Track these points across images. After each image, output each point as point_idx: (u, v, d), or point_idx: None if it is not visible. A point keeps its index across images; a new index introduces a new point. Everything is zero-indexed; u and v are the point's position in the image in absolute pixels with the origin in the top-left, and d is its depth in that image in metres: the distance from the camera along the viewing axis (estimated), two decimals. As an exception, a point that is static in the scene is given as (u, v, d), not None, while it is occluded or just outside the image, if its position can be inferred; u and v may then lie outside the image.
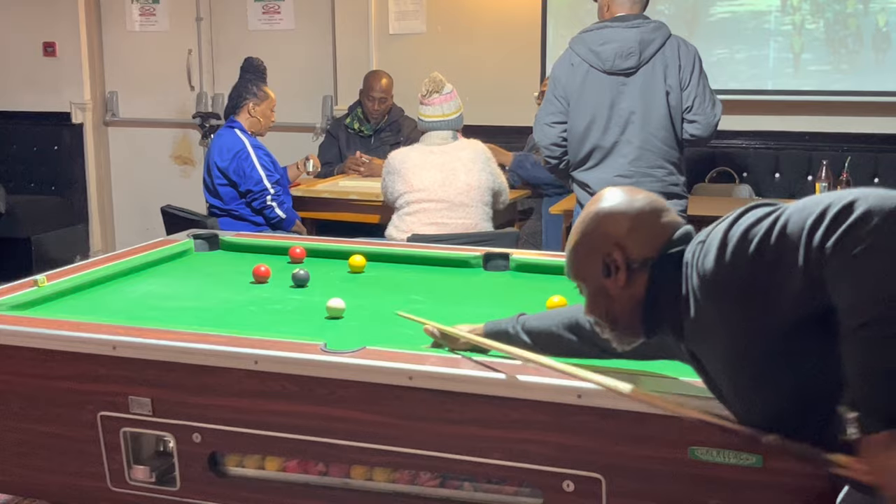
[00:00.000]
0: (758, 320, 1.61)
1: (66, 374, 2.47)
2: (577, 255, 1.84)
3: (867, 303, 1.47)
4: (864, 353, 1.49)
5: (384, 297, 2.92)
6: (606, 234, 1.79)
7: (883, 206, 1.47)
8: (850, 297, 1.48)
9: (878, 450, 1.50)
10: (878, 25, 5.29)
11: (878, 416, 1.50)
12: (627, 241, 1.78)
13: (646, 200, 1.83)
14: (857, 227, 1.46)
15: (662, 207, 1.83)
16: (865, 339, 1.48)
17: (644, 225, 1.79)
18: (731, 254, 1.61)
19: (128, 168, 7.07)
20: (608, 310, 1.82)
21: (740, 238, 1.61)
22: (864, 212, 1.47)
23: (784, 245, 1.55)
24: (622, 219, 1.80)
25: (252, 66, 4.82)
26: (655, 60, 3.82)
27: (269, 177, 4.64)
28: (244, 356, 2.29)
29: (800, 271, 1.52)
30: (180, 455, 2.41)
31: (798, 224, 1.53)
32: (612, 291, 1.80)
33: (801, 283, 1.53)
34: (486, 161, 4.36)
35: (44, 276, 2.90)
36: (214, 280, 3.18)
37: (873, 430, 1.50)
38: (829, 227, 1.49)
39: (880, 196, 1.48)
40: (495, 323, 2.32)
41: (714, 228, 1.70)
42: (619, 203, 1.82)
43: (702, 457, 1.98)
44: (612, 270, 1.78)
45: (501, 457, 2.15)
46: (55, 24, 6.79)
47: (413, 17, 6.15)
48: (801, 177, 5.44)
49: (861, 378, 1.50)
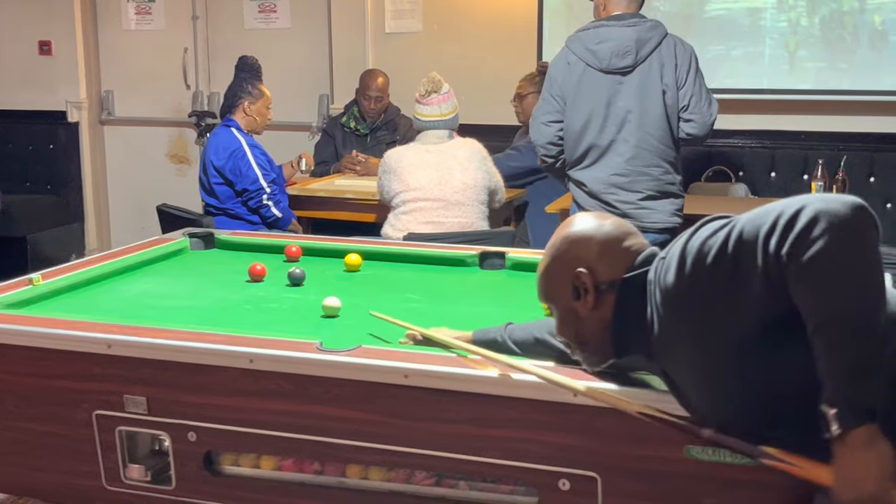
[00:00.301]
0: (720, 329, 1.66)
1: (61, 372, 2.46)
2: (548, 278, 1.92)
3: (823, 304, 1.53)
4: (828, 351, 1.53)
5: (380, 295, 2.92)
6: (576, 257, 1.86)
7: (830, 210, 1.53)
8: (807, 299, 1.54)
9: (855, 446, 1.52)
10: (874, 24, 5.29)
11: (851, 411, 1.52)
12: (596, 265, 1.85)
13: (613, 225, 1.90)
14: (808, 232, 1.52)
15: (629, 232, 1.91)
16: (827, 337, 1.53)
17: (612, 249, 1.86)
18: (690, 266, 1.67)
19: (124, 167, 7.07)
20: (578, 331, 1.89)
21: (698, 250, 1.67)
22: (812, 216, 1.53)
23: (740, 254, 1.60)
24: (591, 243, 1.87)
25: (246, 64, 4.82)
26: (652, 59, 3.82)
27: (265, 176, 4.64)
28: (239, 355, 2.29)
29: (757, 278, 1.58)
30: (175, 454, 2.41)
31: (752, 233, 1.59)
32: (582, 313, 1.86)
33: (760, 290, 1.58)
34: (483, 160, 4.36)
35: (39, 275, 2.89)
36: (210, 279, 3.17)
37: (847, 427, 1.52)
38: (781, 234, 1.55)
39: (826, 200, 1.55)
40: (483, 332, 2.35)
41: (673, 245, 1.76)
42: (588, 228, 1.89)
43: (697, 455, 1.97)
44: (582, 293, 1.84)
45: (497, 456, 2.15)
46: (51, 22, 6.78)
47: (409, 15, 6.15)
48: (797, 176, 5.45)
49: (829, 376, 1.54)
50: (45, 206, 6.72)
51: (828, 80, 5.36)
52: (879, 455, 1.52)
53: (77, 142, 6.93)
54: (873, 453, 1.52)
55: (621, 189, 3.85)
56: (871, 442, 1.52)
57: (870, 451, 1.52)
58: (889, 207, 5.37)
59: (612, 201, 3.86)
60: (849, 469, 1.53)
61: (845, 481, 1.54)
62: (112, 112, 7.02)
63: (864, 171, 5.33)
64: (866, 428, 1.52)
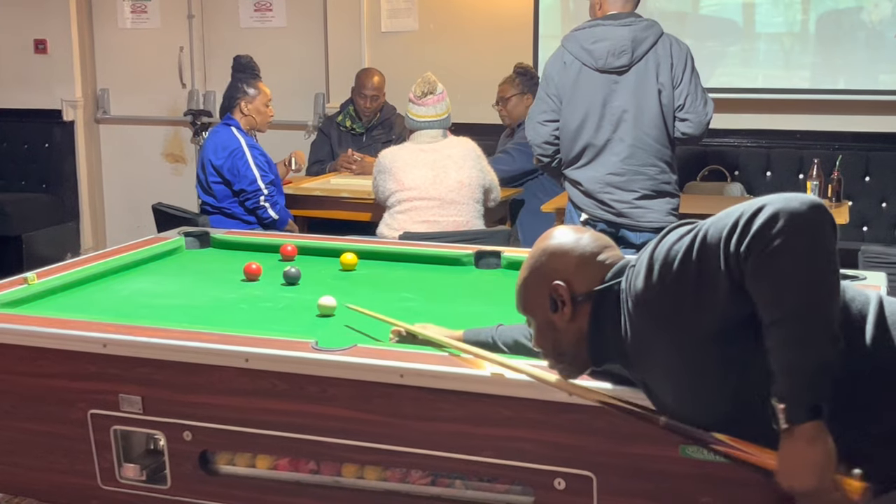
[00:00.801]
0: (689, 333, 1.69)
1: (55, 372, 2.46)
2: (526, 290, 1.94)
3: (778, 300, 1.57)
4: (781, 347, 1.57)
5: (376, 295, 2.92)
6: (554, 270, 1.89)
7: (788, 208, 1.57)
8: (763, 295, 1.58)
9: (799, 441, 1.57)
10: (870, 23, 5.30)
11: (798, 407, 1.57)
12: (573, 277, 1.88)
13: (591, 238, 1.94)
14: (766, 229, 1.56)
15: (606, 245, 1.94)
16: (781, 334, 1.57)
17: (589, 262, 1.90)
18: (657, 273, 1.71)
19: (119, 166, 7.05)
20: (555, 343, 1.92)
21: (664, 256, 1.71)
22: (771, 215, 1.57)
23: (705, 256, 1.64)
24: (569, 256, 1.90)
25: (241, 64, 4.81)
26: (648, 58, 3.82)
27: (263, 177, 4.62)
28: (235, 354, 2.29)
29: (722, 278, 1.62)
30: (171, 453, 2.41)
31: (716, 235, 1.63)
32: (559, 325, 1.89)
33: (725, 290, 1.62)
34: (477, 158, 4.36)
35: (34, 274, 2.89)
36: (205, 278, 3.17)
37: (794, 422, 1.57)
38: (741, 233, 1.59)
39: (786, 199, 1.59)
40: (475, 332, 2.36)
41: (642, 253, 1.80)
42: (566, 241, 1.93)
43: (693, 455, 1.98)
44: (559, 305, 1.87)
45: (492, 455, 2.15)
46: (46, 21, 6.77)
47: (405, 14, 6.15)
48: (792, 175, 5.45)
49: (781, 371, 1.58)
50: (41, 205, 6.71)
51: (823, 80, 5.37)
52: (822, 451, 1.57)
53: (72, 140, 6.91)
54: (816, 449, 1.57)
55: (617, 188, 3.85)
56: (816, 438, 1.57)
57: (813, 447, 1.57)
58: (884, 207, 5.38)
59: (608, 200, 3.86)
60: (791, 460, 1.59)
61: (787, 470, 1.60)
62: (107, 111, 7.00)
63: (859, 171, 5.33)
64: (812, 424, 1.57)
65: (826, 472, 1.56)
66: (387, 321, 2.49)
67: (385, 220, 4.36)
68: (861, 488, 1.56)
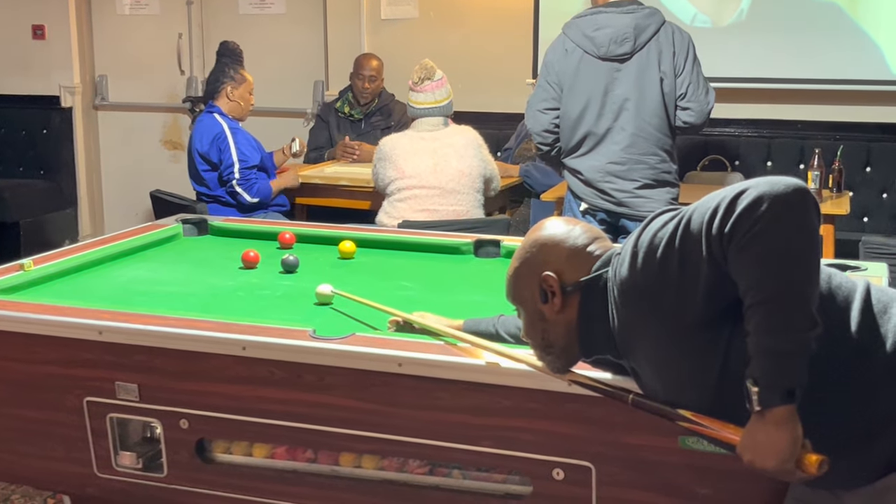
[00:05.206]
0: (675, 318, 1.69)
1: (51, 359, 2.45)
2: (517, 281, 1.94)
3: (758, 283, 1.56)
4: (759, 330, 1.57)
5: (374, 283, 2.91)
6: (544, 261, 1.89)
7: (771, 192, 1.56)
8: (744, 278, 1.58)
9: (769, 423, 1.56)
10: (872, 13, 5.27)
11: (771, 390, 1.56)
12: (563, 268, 1.87)
13: (582, 230, 1.94)
14: (748, 213, 1.56)
15: (597, 236, 1.94)
16: (759, 316, 1.56)
17: (580, 253, 1.89)
18: (642, 259, 1.71)
19: (117, 152, 7.04)
20: (545, 334, 1.91)
21: (649, 242, 1.71)
22: (754, 198, 1.57)
23: (688, 241, 1.64)
24: (560, 247, 1.90)
25: (228, 49, 4.79)
26: (650, 47, 3.80)
27: (241, 162, 4.58)
28: (232, 342, 2.27)
29: (705, 263, 1.62)
30: (167, 441, 2.40)
31: (698, 220, 1.63)
32: (549, 316, 1.89)
33: (709, 275, 1.62)
34: (478, 148, 4.35)
35: (30, 261, 2.87)
36: (203, 265, 3.16)
37: (769, 405, 1.56)
38: (723, 217, 1.59)
39: (770, 182, 1.58)
40: (475, 322, 2.35)
41: (627, 241, 1.79)
42: (557, 232, 1.92)
43: (692, 446, 1.97)
44: (549, 296, 1.87)
45: (491, 444, 2.14)
46: (44, 6, 6.75)
47: (405, 1, 6.12)
48: (793, 165, 5.44)
49: (755, 354, 1.58)
50: (38, 192, 6.70)
51: (825, 69, 5.34)
52: (789, 436, 1.56)
53: (70, 127, 6.90)
54: (783, 434, 1.56)
55: (617, 177, 3.84)
56: (785, 423, 1.56)
57: (780, 432, 1.56)
58: (885, 197, 5.37)
59: (608, 189, 3.85)
60: (755, 438, 1.58)
61: (749, 447, 1.59)
62: (106, 97, 6.98)
63: (860, 161, 5.32)
64: (784, 408, 1.56)
65: (789, 456, 1.56)
66: (378, 308, 2.47)
67: (384, 208, 4.35)
68: (818, 462, 1.55)
